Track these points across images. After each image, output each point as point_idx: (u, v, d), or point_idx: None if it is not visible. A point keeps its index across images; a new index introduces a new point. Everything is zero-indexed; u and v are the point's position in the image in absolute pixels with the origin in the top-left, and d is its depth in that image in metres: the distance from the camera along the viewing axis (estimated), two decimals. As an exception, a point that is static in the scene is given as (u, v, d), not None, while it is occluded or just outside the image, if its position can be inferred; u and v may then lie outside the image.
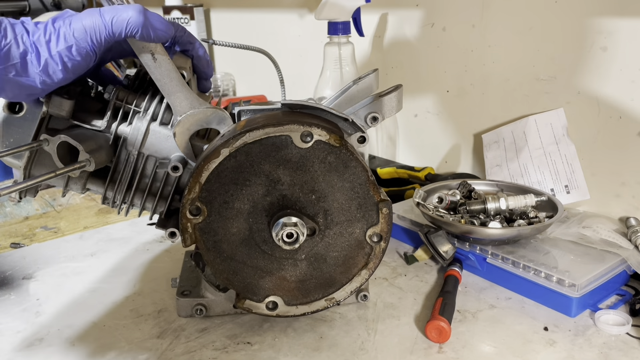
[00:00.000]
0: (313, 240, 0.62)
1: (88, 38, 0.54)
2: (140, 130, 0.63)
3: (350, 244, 0.63)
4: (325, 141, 0.59)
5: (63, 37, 0.53)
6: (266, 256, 0.62)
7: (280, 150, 0.59)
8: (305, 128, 0.58)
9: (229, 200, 0.60)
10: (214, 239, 0.61)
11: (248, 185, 0.60)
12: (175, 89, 0.61)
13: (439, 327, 0.63)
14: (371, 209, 0.62)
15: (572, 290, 0.67)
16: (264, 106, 0.64)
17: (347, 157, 0.60)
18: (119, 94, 0.63)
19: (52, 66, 0.53)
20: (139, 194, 0.65)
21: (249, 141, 0.58)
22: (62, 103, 0.59)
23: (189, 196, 0.59)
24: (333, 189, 0.61)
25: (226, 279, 0.63)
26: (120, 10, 0.54)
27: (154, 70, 0.59)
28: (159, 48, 0.59)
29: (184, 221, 0.60)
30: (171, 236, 0.61)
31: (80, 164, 0.58)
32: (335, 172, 0.60)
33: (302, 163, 0.60)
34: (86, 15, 0.54)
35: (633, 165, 0.84)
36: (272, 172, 0.60)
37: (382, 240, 0.63)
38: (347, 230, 0.62)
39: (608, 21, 0.82)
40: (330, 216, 0.62)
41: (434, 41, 1.07)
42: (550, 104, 0.92)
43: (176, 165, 0.61)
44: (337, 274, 0.64)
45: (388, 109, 0.63)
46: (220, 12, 1.67)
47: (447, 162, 1.11)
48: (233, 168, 0.59)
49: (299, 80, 1.29)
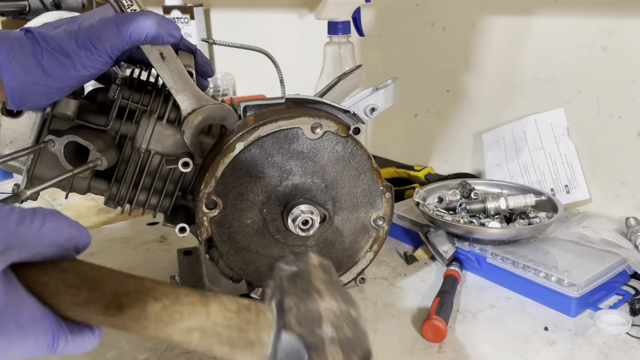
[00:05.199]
0: (323, 227, 0.65)
1: (108, 50, 0.56)
2: (147, 128, 0.64)
3: (356, 229, 0.67)
4: (333, 132, 0.62)
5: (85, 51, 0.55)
6: (279, 245, 0.65)
7: (292, 142, 0.62)
8: (315, 120, 0.61)
9: (243, 192, 0.62)
10: (229, 231, 0.63)
11: (262, 177, 0.62)
12: (183, 86, 0.62)
13: (435, 326, 0.63)
14: (375, 194, 0.66)
15: (572, 290, 0.67)
16: (268, 101, 0.65)
17: (354, 146, 0.64)
18: (124, 93, 0.64)
19: None
20: (145, 192, 0.65)
21: (263, 134, 0.61)
22: (68, 103, 0.59)
23: (205, 190, 0.60)
24: (341, 177, 0.64)
25: (240, 269, 0.64)
26: (136, 20, 0.56)
27: (163, 69, 0.60)
28: (167, 48, 0.60)
29: (200, 215, 0.61)
30: (181, 231, 0.63)
31: (93, 163, 0.58)
32: (343, 161, 0.64)
33: (312, 153, 0.63)
34: (104, 28, 0.55)
35: (633, 165, 0.84)
36: (285, 163, 0.62)
37: (385, 222, 0.67)
38: (353, 215, 0.66)
39: (608, 21, 0.82)
40: (338, 203, 0.65)
41: (434, 41, 1.07)
42: (550, 104, 0.92)
43: (187, 161, 0.62)
44: (344, 258, 0.68)
45: (385, 100, 0.66)
46: (220, 12, 1.67)
47: (447, 162, 1.11)
48: (247, 161, 0.61)
49: (299, 80, 1.29)
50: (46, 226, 0.33)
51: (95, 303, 0.33)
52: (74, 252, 0.36)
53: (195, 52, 0.69)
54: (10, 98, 0.55)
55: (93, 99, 0.65)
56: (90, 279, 0.34)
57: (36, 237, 0.33)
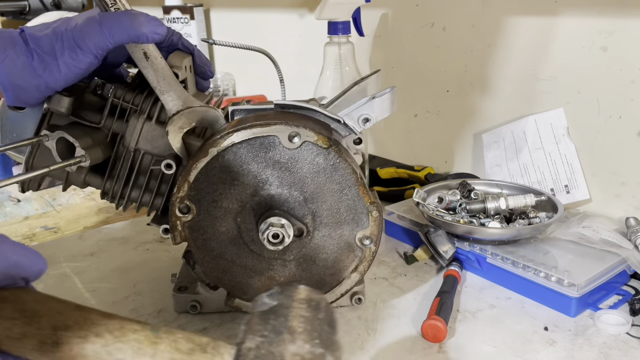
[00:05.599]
0: (302, 242, 0.62)
1: (92, 49, 0.56)
2: (135, 128, 0.64)
3: (340, 247, 0.63)
4: (313, 142, 0.59)
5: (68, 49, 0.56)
6: (255, 256, 0.63)
7: (269, 151, 0.59)
8: (292, 129, 0.58)
9: (217, 199, 0.60)
10: (203, 237, 0.62)
11: (236, 185, 0.60)
12: (167, 87, 0.61)
13: (435, 326, 0.63)
14: (361, 211, 0.62)
15: (572, 290, 0.67)
16: (256, 106, 0.64)
17: (336, 158, 0.60)
18: (117, 92, 0.64)
19: None
20: (137, 189, 0.66)
21: (237, 141, 0.58)
22: (61, 100, 0.61)
23: (178, 194, 0.60)
24: (322, 190, 0.61)
25: (216, 277, 0.63)
26: (118, 19, 0.56)
27: (146, 68, 0.60)
28: (151, 47, 0.60)
29: (173, 219, 0.61)
30: (165, 233, 0.62)
31: (76, 160, 0.60)
32: (324, 173, 0.60)
33: (290, 164, 0.60)
34: (87, 28, 0.56)
35: (633, 165, 0.84)
36: (261, 172, 0.60)
37: (372, 243, 0.62)
38: (336, 232, 0.62)
39: (608, 21, 0.82)
40: (319, 218, 0.62)
41: (434, 41, 1.07)
42: (550, 104, 0.92)
43: (169, 163, 0.62)
44: (326, 276, 0.64)
45: (381, 110, 0.63)
46: (220, 12, 1.67)
47: (447, 162, 1.11)
48: (221, 167, 0.59)
49: (299, 80, 1.29)
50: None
51: (29, 338, 0.32)
52: (20, 280, 0.34)
53: (193, 52, 0.69)
54: (6, 95, 0.57)
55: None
56: (28, 311, 0.33)
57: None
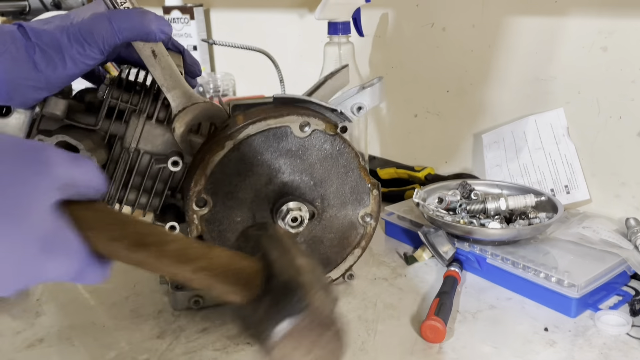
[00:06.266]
0: (312, 224, 0.66)
1: (100, 45, 0.56)
2: (137, 128, 0.64)
3: (345, 225, 0.69)
4: (321, 130, 0.63)
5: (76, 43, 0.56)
6: None
7: (281, 140, 0.63)
8: (303, 118, 0.62)
9: (233, 190, 0.63)
10: (219, 228, 0.64)
11: (251, 175, 0.63)
12: (174, 84, 0.62)
13: (434, 327, 0.63)
14: (363, 191, 0.68)
15: (572, 290, 0.67)
16: (257, 100, 0.66)
17: (341, 144, 0.65)
18: (114, 93, 0.64)
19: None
20: (134, 191, 0.66)
21: (252, 133, 0.61)
22: (57, 103, 0.59)
23: (195, 188, 0.61)
24: (329, 174, 0.66)
25: None
26: (129, 16, 0.56)
27: (154, 66, 0.61)
28: (159, 46, 0.60)
29: (190, 213, 0.62)
30: (171, 230, 0.63)
31: None
32: (331, 158, 0.65)
33: (300, 152, 0.64)
34: (96, 23, 0.55)
35: (633, 165, 0.84)
36: (274, 161, 0.63)
37: (373, 219, 0.69)
38: (341, 212, 0.68)
39: (608, 21, 0.82)
40: (327, 200, 0.67)
41: (434, 41, 1.07)
42: (550, 104, 0.92)
43: (176, 160, 0.62)
44: (332, 254, 0.69)
45: (372, 99, 0.68)
46: (220, 12, 1.67)
47: (447, 162, 1.11)
48: (237, 159, 0.62)
49: (299, 80, 1.29)
50: (91, 170, 0.39)
51: (125, 239, 0.39)
52: (98, 195, 0.41)
53: (183, 52, 0.70)
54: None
55: (81, 99, 0.66)
56: (120, 219, 0.40)
57: (83, 179, 0.38)
